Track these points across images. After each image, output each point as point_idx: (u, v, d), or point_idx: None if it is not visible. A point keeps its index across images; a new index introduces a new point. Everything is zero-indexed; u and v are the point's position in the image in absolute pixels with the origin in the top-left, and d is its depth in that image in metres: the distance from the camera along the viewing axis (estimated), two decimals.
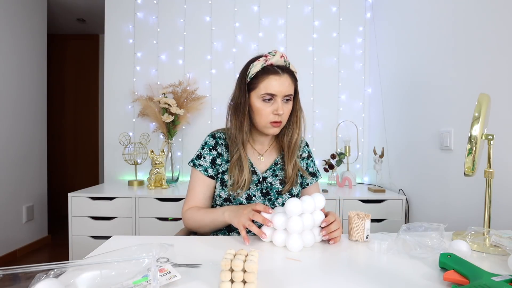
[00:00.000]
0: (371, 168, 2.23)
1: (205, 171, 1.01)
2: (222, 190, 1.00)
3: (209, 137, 1.06)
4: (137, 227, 1.81)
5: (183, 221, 1.02)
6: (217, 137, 1.05)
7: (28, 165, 2.57)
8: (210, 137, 1.05)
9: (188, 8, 2.33)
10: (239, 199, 0.98)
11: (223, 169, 1.01)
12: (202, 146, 1.05)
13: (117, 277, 0.53)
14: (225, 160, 1.02)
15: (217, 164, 1.02)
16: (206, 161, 1.02)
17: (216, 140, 1.04)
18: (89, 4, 2.93)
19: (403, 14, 1.91)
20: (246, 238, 0.80)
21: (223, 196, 1.00)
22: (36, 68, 2.68)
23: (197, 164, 1.02)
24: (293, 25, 2.35)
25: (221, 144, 1.04)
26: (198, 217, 0.97)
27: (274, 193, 1.01)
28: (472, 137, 0.83)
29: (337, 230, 0.82)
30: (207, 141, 1.05)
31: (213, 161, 1.02)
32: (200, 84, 2.32)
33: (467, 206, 1.33)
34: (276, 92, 0.94)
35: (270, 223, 0.79)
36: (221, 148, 1.03)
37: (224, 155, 1.03)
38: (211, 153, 1.02)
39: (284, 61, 0.97)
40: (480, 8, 1.27)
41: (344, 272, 0.65)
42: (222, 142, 1.04)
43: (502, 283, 0.53)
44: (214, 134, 1.06)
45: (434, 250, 0.73)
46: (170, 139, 2.17)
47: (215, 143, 1.04)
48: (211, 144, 1.03)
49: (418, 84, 1.72)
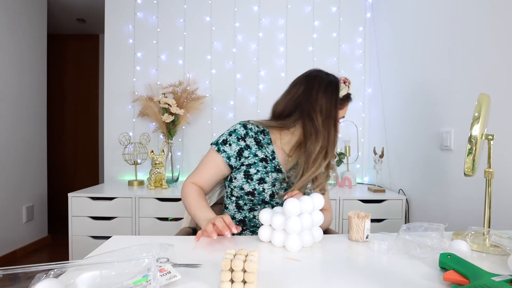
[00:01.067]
0: (371, 168, 2.24)
1: (228, 159, 0.99)
2: (247, 183, 0.98)
3: (240, 125, 1.02)
4: (137, 227, 1.81)
5: (181, 190, 1.02)
6: (248, 128, 1.02)
7: (28, 165, 2.57)
8: (241, 126, 1.02)
9: (188, 8, 2.33)
10: (263, 194, 0.98)
11: (250, 162, 0.99)
12: (230, 132, 1.01)
13: (117, 277, 0.53)
14: (253, 154, 1.00)
15: (243, 156, 0.99)
16: (232, 149, 0.99)
17: (246, 131, 1.01)
18: (89, 4, 2.93)
19: (403, 14, 1.91)
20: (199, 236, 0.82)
21: (246, 189, 0.98)
22: (36, 68, 2.68)
23: (221, 149, 0.99)
24: (293, 25, 2.35)
25: (251, 136, 1.01)
26: (189, 199, 0.97)
27: None
28: (472, 137, 0.83)
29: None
30: (236, 129, 1.01)
31: (239, 152, 0.99)
32: (200, 84, 2.32)
33: (467, 206, 1.33)
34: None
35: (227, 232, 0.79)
36: (250, 140, 1.00)
37: (253, 148, 1.00)
38: (239, 143, 1.00)
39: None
40: (480, 8, 1.27)
41: (344, 272, 0.65)
42: (252, 134, 1.01)
43: (502, 283, 0.53)
44: (246, 125, 1.03)
45: (434, 250, 0.73)
46: (170, 139, 2.17)
47: (245, 133, 1.01)
48: (241, 133, 1.00)
49: (418, 84, 1.72)
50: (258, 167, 0.98)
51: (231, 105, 2.33)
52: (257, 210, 1.00)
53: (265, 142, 1.02)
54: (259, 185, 0.97)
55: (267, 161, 1.00)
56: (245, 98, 2.33)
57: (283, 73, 2.35)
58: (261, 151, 1.01)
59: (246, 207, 1.01)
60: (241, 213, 1.02)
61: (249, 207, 1.00)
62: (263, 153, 1.00)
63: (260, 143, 1.01)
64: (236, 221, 1.02)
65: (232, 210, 1.03)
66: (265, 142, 1.02)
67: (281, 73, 2.35)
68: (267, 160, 1.00)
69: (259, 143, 1.01)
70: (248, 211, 1.01)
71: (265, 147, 1.01)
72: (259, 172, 0.98)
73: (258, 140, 1.02)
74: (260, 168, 0.98)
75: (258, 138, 1.02)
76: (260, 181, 0.97)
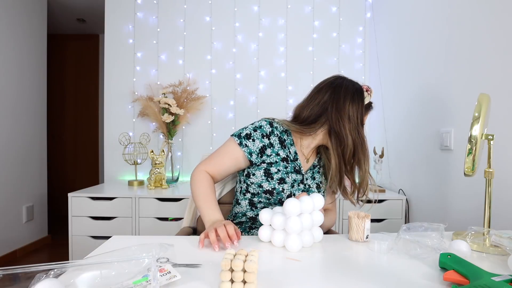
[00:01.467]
0: (371, 168, 2.23)
1: (250, 155, 0.97)
2: (267, 181, 0.97)
3: (266, 122, 1.01)
4: (137, 227, 1.81)
5: (191, 175, 1.00)
6: (274, 126, 1.01)
7: (28, 165, 2.57)
8: (267, 123, 1.01)
9: (188, 8, 2.33)
10: (282, 194, 0.98)
11: (271, 161, 0.98)
12: (255, 127, 0.99)
13: (117, 277, 0.53)
14: (275, 153, 0.99)
15: (265, 154, 0.98)
16: (255, 145, 0.98)
17: (272, 129, 1.00)
18: (89, 4, 2.93)
19: (403, 14, 1.91)
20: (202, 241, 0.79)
21: (265, 187, 0.97)
22: (36, 68, 2.68)
23: (244, 143, 0.97)
24: (293, 25, 2.35)
25: (276, 134, 1.00)
26: (198, 190, 0.95)
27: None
28: (472, 137, 0.83)
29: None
30: (262, 125, 1.00)
31: (262, 149, 0.98)
32: (200, 84, 2.32)
33: (467, 206, 1.33)
34: None
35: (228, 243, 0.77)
36: (274, 139, 0.99)
37: (276, 147, 0.99)
38: (263, 140, 0.98)
39: None
40: (480, 8, 1.27)
41: (344, 272, 0.65)
42: (277, 133, 1.00)
43: (502, 283, 0.53)
44: (272, 123, 1.01)
45: (434, 250, 0.73)
46: (170, 139, 2.17)
47: (271, 131, 0.99)
48: (266, 131, 0.99)
49: (418, 84, 1.73)
50: (279, 166, 0.98)
51: (231, 105, 2.32)
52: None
53: (288, 142, 1.02)
54: (279, 185, 0.97)
55: (288, 161, 1.00)
56: (245, 98, 2.33)
57: (283, 73, 2.35)
58: (283, 151, 1.00)
59: (260, 205, 1.00)
60: (254, 211, 1.01)
61: (263, 205, 1.00)
62: (285, 153, 1.00)
63: (283, 143, 1.01)
64: (246, 218, 1.02)
65: (244, 207, 1.02)
66: (288, 142, 1.02)
67: (281, 73, 2.35)
68: (288, 161, 1.00)
69: (282, 143, 1.01)
70: (261, 209, 1.00)
71: (288, 147, 1.01)
72: (280, 172, 0.98)
73: (282, 139, 1.01)
74: (281, 168, 0.98)
75: (283, 138, 1.01)
76: (281, 181, 0.97)
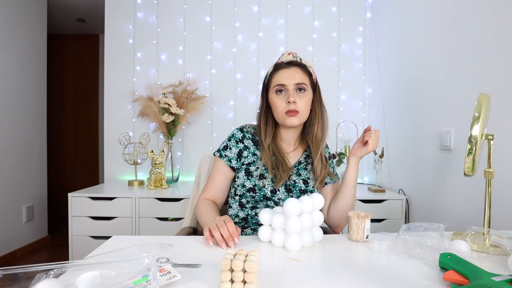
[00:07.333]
0: (371, 168, 2.23)
1: (229, 162, 1.05)
2: (248, 180, 1.02)
3: (237, 130, 1.09)
4: (137, 227, 1.81)
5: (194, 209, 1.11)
6: (244, 131, 1.08)
7: (28, 165, 2.57)
8: (238, 130, 1.09)
9: (188, 8, 2.33)
10: (264, 190, 1.01)
11: (249, 161, 1.05)
12: (229, 138, 1.08)
13: (117, 277, 0.53)
14: (252, 153, 1.06)
15: (243, 157, 1.05)
16: (232, 152, 1.06)
17: (243, 134, 1.08)
18: (89, 4, 2.93)
19: (403, 14, 1.91)
20: (209, 238, 0.81)
21: (247, 186, 1.02)
22: (36, 68, 2.68)
23: (223, 154, 1.06)
24: (293, 25, 2.35)
25: (248, 137, 1.07)
26: (200, 212, 1.01)
27: (296, 191, 1.04)
28: (472, 137, 0.83)
29: (372, 136, 0.97)
30: (234, 133, 1.08)
31: (239, 154, 1.06)
32: (200, 84, 2.32)
33: (467, 206, 1.33)
34: (285, 82, 1.00)
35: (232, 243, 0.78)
36: (248, 141, 1.07)
37: (251, 148, 1.06)
38: (238, 146, 1.06)
39: (292, 57, 1.04)
40: (480, 8, 1.27)
41: (344, 272, 0.65)
42: (249, 136, 1.08)
43: (502, 283, 0.53)
44: (242, 128, 1.09)
45: (434, 250, 0.73)
46: (170, 139, 2.17)
47: (242, 136, 1.07)
48: (238, 137, 1.07)
49: (418, 84, 1.72)
50: (258, 164, 1.03)
51: (231, 105, 2.32)
52: (259, 208, 1.03)
53: None
54: (259, 181, 1.01)
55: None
56: (245, 98, 2.33)
57: None
58: (259, 151, 1.05)
59: (249, 205, 1.04)
60: (244, 211, 1.05)
61: (252, 204, 1.03)
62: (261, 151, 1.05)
63: (257, 143, 1.07)
64: (239, 219, 1.05)
65: (235, 209, 1.07)
66: None
67: None
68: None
69: (257, 144, 1.07)
70: (251, 208, 1.04)
71: None
72: (258, 169, 1.03)
73: (255, 140, 1.08)
74: (259, 166, 1.03)
75: (256, 139, 1.08)
76: (260, 177, 1.02)
